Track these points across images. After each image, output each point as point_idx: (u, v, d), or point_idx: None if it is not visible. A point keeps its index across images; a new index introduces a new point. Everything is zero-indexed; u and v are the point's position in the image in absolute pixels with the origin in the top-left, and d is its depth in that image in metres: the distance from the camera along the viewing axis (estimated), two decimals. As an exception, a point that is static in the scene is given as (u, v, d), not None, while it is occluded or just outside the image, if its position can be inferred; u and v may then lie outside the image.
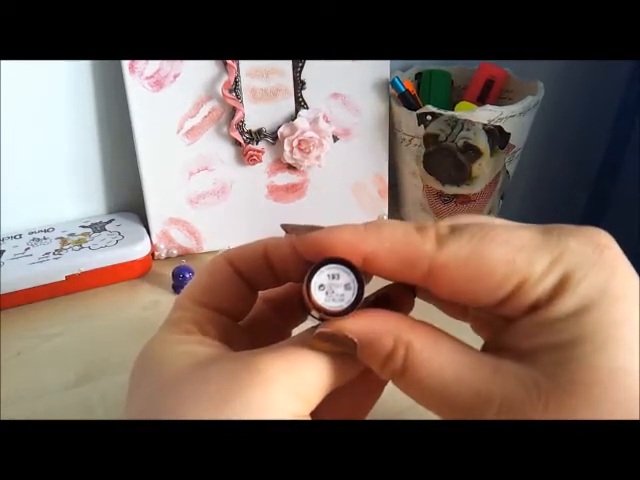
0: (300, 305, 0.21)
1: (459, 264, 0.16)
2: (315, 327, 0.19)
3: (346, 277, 0.18)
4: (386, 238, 0.17)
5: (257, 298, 0.23)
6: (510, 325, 0.17)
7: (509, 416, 0.15)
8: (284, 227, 0.21)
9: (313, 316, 0.20)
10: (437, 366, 0.16)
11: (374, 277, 0.20)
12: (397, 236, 0.17)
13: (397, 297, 0.20)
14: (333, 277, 0.18)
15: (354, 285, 0.18)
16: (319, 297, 0.18)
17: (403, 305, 0.21)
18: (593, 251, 0.16)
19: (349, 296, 0.18)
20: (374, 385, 0.21)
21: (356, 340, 0.17)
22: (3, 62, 0.45)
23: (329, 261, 0.18)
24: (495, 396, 0.16)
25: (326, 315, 0.18)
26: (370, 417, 0.22)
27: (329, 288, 0.18)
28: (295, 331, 0.22)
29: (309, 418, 0.18)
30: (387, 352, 0.17)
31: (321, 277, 0.18)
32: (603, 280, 0.16)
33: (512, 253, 0.16)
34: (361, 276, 0.18)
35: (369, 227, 0.18)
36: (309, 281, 0.18)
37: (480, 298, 0.17)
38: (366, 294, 0.18)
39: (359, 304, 0.18)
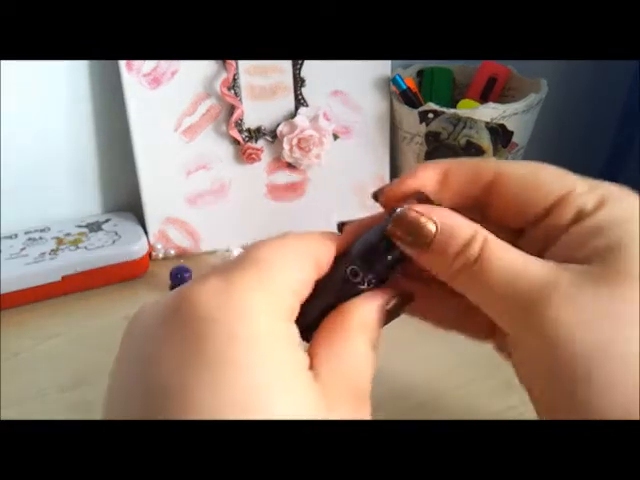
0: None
1: (519, 175, 0.20)
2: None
3: None
4: (456, 160, 0.21)
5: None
6: (561, 238, 0.19)
7: (569, 306, 0.17)
8: (341, 225, 0.22)
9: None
10: (509, 256, 0.18)
11: None
12: (463, 159, 0.22)
13: None
14: None
15: None
16: None
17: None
18: (623, 190, 0.19)
19: None
20: None
21: (439, 224, 0.18)
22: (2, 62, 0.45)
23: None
24: (562, 281, 0.17)
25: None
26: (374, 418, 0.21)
27: None
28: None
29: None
30: (466, 239, 0.18)
31: None
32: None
33: (561, 175, 0.20)
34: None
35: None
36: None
37: (533, 205, 0.20)
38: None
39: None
